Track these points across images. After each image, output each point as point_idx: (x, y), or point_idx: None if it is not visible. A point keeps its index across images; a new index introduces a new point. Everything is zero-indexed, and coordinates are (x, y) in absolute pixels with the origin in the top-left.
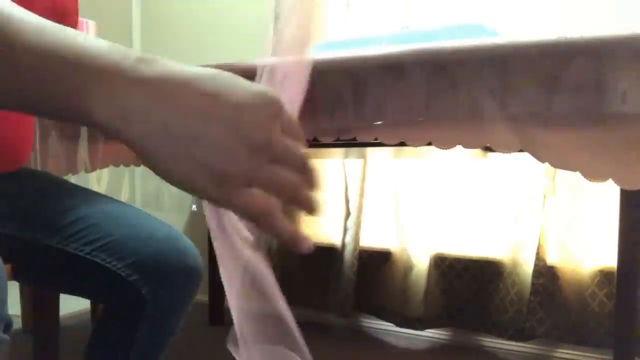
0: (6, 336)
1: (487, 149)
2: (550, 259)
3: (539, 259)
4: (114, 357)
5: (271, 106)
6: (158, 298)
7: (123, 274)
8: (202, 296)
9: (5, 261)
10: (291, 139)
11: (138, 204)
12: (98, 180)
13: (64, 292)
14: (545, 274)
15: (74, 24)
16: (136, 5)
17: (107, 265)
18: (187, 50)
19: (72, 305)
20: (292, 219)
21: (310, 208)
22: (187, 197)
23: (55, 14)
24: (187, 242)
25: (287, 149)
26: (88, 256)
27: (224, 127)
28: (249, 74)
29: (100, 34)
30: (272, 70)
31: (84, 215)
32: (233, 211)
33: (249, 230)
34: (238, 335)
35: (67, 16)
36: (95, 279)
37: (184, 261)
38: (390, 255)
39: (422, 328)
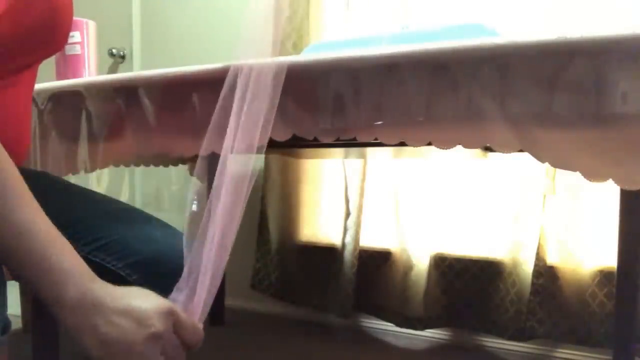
0: (3, 338)
1: (487, 149)
2: (550, 259)
3: (539, 259)
4: None
5: (163, 337)
6: None
7: (123, 273)
8: None
9: None
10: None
11: (138, 204)
12: (98, 180)
13: None
14: (545, 274)
15: (68, 20)
16: (136, 5)
17: (107, 265)
18: (187, 50)
19: None
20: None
21: None
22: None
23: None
24: None
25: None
26: (88, 256)
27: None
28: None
29: (100, 34)
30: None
31: (83, 215)
32: None
33: None
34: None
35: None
36: None
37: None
38: (390, 255)
39: (422, 328)
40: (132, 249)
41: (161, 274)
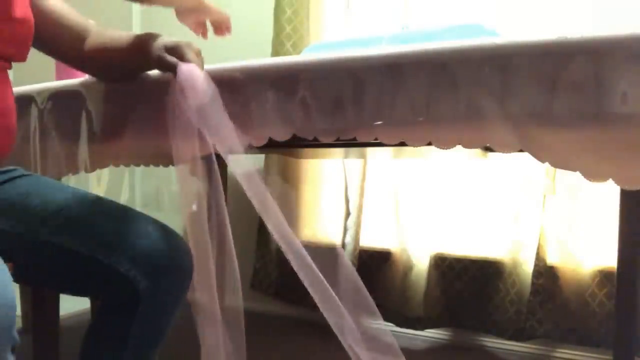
0: (12, 357)
1: (487, 149)
2: (550, 259)
3: (539, 259)
4: (110, 354)
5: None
6: (154, 293)
7: (122, 269)
8: None
9: (5, 261)
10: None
11: (138, 204)
12: (98, 180)
13: (62, 291)
14: (545, 274)
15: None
16: (136, 5)
17: (106, 261)
18: None
19: (72, 305)
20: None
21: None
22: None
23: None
24: (180, 239)
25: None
26: (87, 252)
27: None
28: (247, 74)
29: None
30: None
31: (80, 214)
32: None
33: None
34: None
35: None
36: (93, 275)
37: (178, 257)
38: (390, 255)
39: (422, 328)
40: (129, 246)
41: (157, 269)
